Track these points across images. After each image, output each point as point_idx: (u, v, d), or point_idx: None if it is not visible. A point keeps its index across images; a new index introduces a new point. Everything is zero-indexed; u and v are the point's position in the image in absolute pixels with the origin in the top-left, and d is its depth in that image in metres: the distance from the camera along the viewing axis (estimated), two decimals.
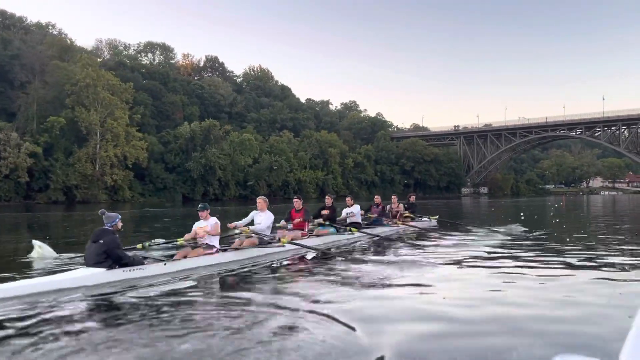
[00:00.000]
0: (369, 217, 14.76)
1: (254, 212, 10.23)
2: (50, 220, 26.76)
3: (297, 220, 11.06)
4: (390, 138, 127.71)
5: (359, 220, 13.55)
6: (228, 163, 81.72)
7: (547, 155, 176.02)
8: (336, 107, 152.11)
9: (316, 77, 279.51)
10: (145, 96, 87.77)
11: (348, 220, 13.22)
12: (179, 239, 8.80)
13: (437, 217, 18.00)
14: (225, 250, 8.97)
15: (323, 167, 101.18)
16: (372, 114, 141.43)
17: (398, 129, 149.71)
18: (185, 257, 8.19)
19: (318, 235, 11.42)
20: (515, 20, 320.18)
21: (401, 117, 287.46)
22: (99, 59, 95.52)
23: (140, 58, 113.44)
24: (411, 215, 16.49)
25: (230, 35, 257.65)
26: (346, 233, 12.33)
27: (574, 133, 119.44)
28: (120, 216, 7.30)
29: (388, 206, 15.99)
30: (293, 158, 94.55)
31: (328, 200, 12.71)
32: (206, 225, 8.74)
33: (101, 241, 6.86)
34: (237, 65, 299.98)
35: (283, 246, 9.57)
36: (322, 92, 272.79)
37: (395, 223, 15.12)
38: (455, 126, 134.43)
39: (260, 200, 10.22)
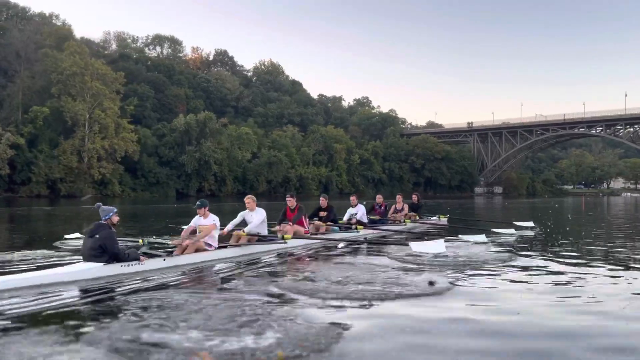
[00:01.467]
0: (371, 218, 14.27)
1: (244, 212, 9.85)
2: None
3: (294, 218, 10.67)
4: (401, 135, 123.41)
5: (365, 220, 13.27)
6: (225, 158, 78.97)
7: (566, 154, 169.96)
8: (349, 103, 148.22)
9: (329, 73, 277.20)
10: (147, 88, 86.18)
11: (353, 220, 12.96)
12: (174, 240, 8.49)
13: (447, 216, 17.67)
14: (225, 246, 8.78)
15: (327, 163, 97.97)
16: (385, 111, 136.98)
17: (411, 126, 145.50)
18: (183, 252, 8.01)
19: (321, 233, 11.24)
20: (534, 17, 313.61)
21: (414, 114, 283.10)
22: (106, 52, 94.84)
23: (148, 51, 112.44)
24: (416, 215, 16.10)
25: (241, 29, 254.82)
26: (352, 231, 12.02)
27: (594, 131, 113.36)
28: (116, 209, 7.16)
29: (392, 206, 15.56)
30: (295, 153, 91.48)
31: (322, 202, 12.45)
32: (205, 224, 8.54)
33: (97, 236, 6.77)
34: (247, 59, 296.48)
35: (285, 242, 9.43)
36: (335, 88, 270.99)
37: (404, 221, 14.82)
38: (469, 123, 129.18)
39: (249, 200, 9.81)
